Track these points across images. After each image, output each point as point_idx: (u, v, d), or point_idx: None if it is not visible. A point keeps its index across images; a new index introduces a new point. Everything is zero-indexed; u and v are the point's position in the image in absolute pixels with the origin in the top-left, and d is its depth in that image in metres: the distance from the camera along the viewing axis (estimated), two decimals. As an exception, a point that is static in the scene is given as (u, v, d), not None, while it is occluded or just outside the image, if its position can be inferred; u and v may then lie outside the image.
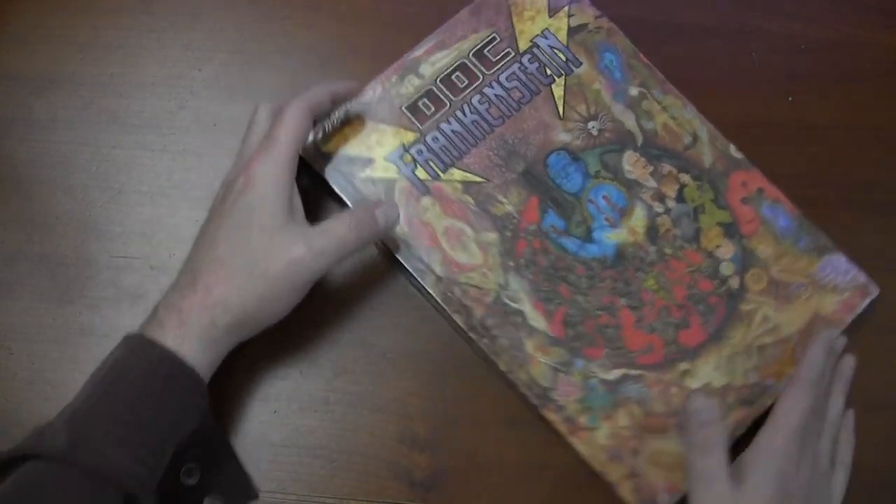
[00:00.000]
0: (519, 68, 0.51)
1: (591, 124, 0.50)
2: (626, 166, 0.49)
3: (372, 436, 0.47)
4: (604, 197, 0.49)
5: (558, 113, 0.50)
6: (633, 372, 0.46)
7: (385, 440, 0.47)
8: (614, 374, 0.46)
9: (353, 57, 0.53)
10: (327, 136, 0.49)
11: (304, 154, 0.48)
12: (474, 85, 0.50)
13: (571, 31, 0.52)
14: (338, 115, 0.49)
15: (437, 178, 0.48)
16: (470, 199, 0.48)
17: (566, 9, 0.52)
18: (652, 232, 0.48)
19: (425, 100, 0.50)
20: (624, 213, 0.48)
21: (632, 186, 0.49)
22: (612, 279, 0.47)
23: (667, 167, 0.49)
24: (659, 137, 0.50)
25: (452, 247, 0.47)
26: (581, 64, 0.51)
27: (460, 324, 0.46)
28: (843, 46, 0.55)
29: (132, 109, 0.52)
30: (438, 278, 0.47)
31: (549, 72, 0.51)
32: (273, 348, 0.47)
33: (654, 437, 0.45)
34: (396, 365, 0.48)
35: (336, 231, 0.43)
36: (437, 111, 0.49)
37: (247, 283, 0.42)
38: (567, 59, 0.51)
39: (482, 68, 0.50)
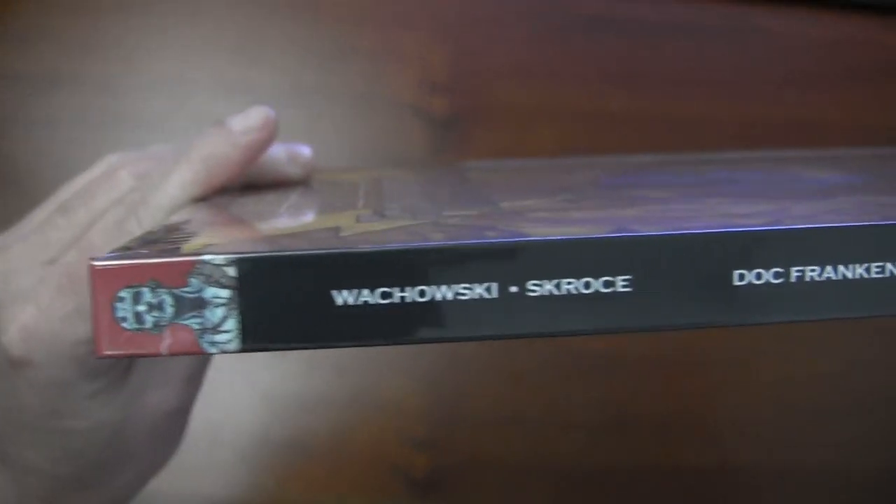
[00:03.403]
0: None
1: None
2: None
3: (372, 436, 0.47)
4: None
5: None
6: None
7: (385, 440, 0.47)
8: None
9: (354, 57, 0.53)
10: None
11: None
12: None
13: None
14: None
15: None
16: None
17: None
18: None
19: None
20: None
21: None
22: None
23: None
24: None
25: None
26: None
27: None
28: (843, 46, 0.55)
29: (132, 109, 0.52)
30: None
31: None
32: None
33: None
34: (396, 365, 0.48)
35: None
36: None
37: (114, 485, 0.28)
38: None
39: None
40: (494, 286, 0.19)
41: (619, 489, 0.47)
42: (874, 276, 0.20)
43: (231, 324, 0.19)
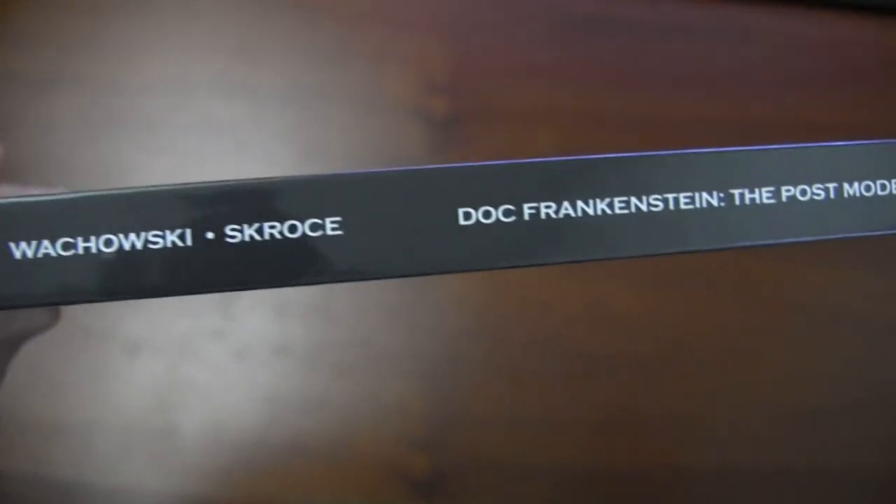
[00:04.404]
0: None
1: None
2: None
3: (372, 436, 0.47)
4: None
5: None
6: None
7: (385, 440, 0.47)
8: None
9: (354, 58, 0.53)
10: None
11: None
12: None
13: None
14: None
15: None
16: None
17: None
18: None
19: None
20: None
21: None
22: None
23: None
24: None
25: None
26: None
27: None
28: (843, 46, 0.55)
29: (132, 109, 0.52)
30: None
31: None
32: (273, 349, 0.47)
33: None
34: (396, 365, 0.48)
35: None
36: None
37: None
38: None
39: None
40: (188, 233, 0.18)
41: (619, 489, 0.47)
42: (618, 211, 0.19)
43: None
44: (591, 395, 0.48)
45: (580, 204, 0.19)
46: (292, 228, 0.18)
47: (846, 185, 0.19)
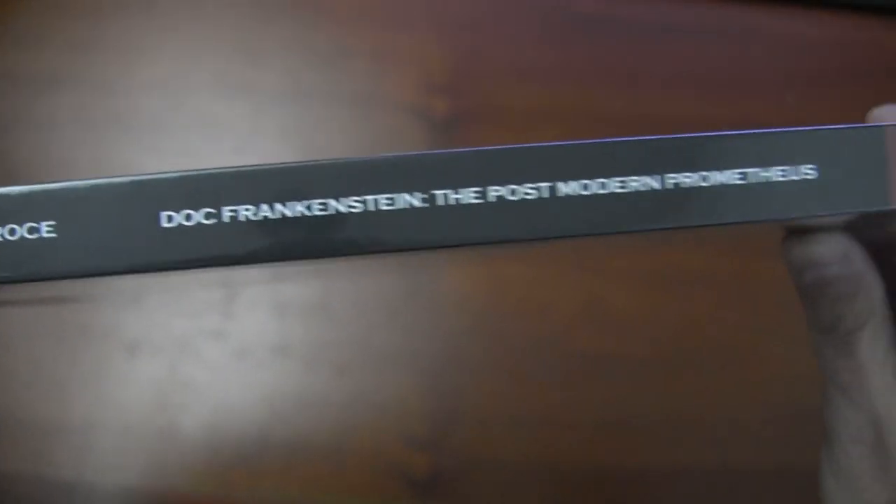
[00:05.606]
0: None
1: None
2: None
3: (372, 435, 0.47)
4: None
5: None
6: None
7: (385, 440, 0.47)
8: None
9: (354, 57, 0.53)
10: None
11: None
12: None
13: None
14: None
15: None
16: None
17: None
18: None
19: None
20: None
21: None
22: None
23: None
24: None
25: None
26: None
27: None
28: (844, 46, 0.55)
29: (132, 109, 0.52)
30: None
31: None
32: (272, 348, 0.47)
33: None
34: (396, 364, 0.48)
35: None
36: None
37: None
38: None
39: None
40: None
41: (619, 489, 0.47)
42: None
43: None
44: (590, 395, 0.48)
45: (277, 207, 0.20)
46: (12, 231, 0.20)
47: (560, 185, 0.20)
